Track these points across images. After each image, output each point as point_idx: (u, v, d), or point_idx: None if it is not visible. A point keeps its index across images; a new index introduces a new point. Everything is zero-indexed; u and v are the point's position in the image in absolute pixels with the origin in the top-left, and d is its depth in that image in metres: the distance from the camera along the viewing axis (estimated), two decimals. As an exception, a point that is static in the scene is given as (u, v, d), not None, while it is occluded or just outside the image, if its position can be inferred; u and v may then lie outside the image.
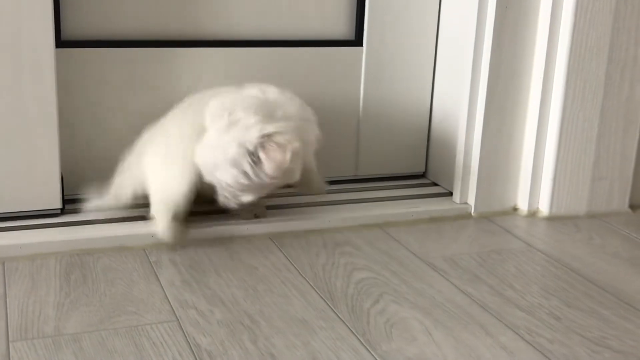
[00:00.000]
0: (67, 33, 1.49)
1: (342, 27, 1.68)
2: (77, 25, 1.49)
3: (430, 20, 1.71)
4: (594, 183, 1.66)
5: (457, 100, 1.66)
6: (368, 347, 1.10)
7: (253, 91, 1.40)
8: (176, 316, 1.17)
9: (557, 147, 1.61)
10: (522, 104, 1.61)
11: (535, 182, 1.64)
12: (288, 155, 1.31)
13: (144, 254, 1.38)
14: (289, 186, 1.47)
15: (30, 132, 1.39)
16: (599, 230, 1.60)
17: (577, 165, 1.63)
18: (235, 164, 1.32)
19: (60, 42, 1.44)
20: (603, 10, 1.55)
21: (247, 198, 1.37)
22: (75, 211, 1.48)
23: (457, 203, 1.66)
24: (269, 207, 1.56)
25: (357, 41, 1.68)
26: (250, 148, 1.31)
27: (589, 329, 1.18)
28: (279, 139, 1.32)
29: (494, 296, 1.28)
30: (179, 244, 1.40)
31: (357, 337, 1.13)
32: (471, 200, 1.65)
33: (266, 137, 1.31)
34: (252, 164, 1.32)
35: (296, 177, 1.38)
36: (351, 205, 1.63)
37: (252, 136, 1.31)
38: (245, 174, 1.32)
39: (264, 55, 1.60)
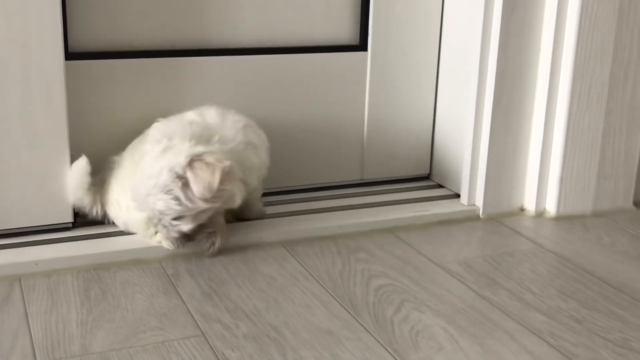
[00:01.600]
0: (74, 45, 1.47)
1: (346, 33, 1.68)
2: (84, 37, 1.48)
3: (434, 24, 1.71)
4: (600, 182, 1.68)
5: (461, 104, 1.67)
6: (397, 357, 1.10)
7: (192, 116, 1.40)
8: (201, 330, 1.16)
9: (564, 147, 1.62)
10: (528, 106, 1.63)
11: (542, 182, 1.66)
12: (217, 175, 1.28)
13: (160, 266, 1.38)
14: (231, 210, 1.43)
15: (41, 145, 1.38)
16: (606, 229, 1.62)
17: (583, 164, 1.65)
18: (166, 189, 1.29)
19: (68, 55, 1.42)
20: (607, 11, 1.56)
21: (185, 226, 1.32)
22: (86, 224, 1.47)
23: (465, 205, 1.67)
24: (282, 214, 1.57)
25: (362, 46, 1.68)
26: (180, 171, 1.29)
27: (610, 331, 1.20)
28: (208, 159, 1.29)
29: (513, 300, 1.29)
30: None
31: (384, 347, 1.13)
32: (479, 202, 1.66)
33: (195, 158, 1.29)
34: (184, 187, 1.29)
35: (237, 200, 1.36)
36: (360, 210, 1.63)
37: (181, 159, 1.29)
38: (177, 199, 1.29)
39: (270, 62, 1.60)
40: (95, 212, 1.45)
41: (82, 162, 1.40)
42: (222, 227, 1.40)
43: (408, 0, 1.68)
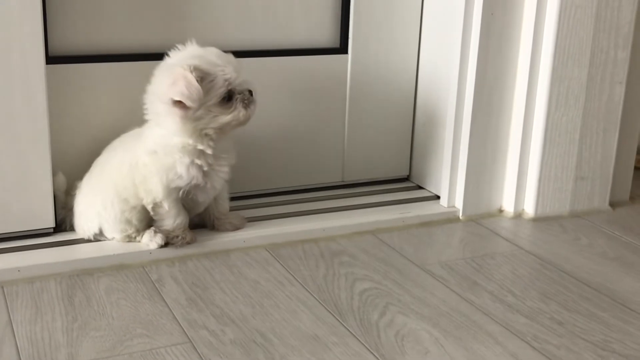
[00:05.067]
0: (55, 49, 1.46)
1: (327, 36, 1.69)
2: (64, 41, 1.47)
3: (414, 27, 1.73)
4: (577, 183, 1.71)
5: (441, 106, 1.69)
6: (384, 362, 1.12)
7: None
8: (188, 337, 1.16)
9: (542, 149, 1.64)
10: (507, 108, 1.64)
11: (521, 183, 1.68)
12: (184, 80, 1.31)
13: (144, 271, 1.37)
14: None
15: (22, 150, 1.37)
16: (583, 230, 1.65)
17: (561, 166, 1.67)
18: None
19: (48, 59, 1.41)
20: (584, 15, 1.58)
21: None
22: (67, 229, 1.47)
23: (445, 206, 1.69)
24: (264, 217, 1.57)
25: (343, 49, 1.69)
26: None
27: (592, 333, 1.22)
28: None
29: (495, 303, 1.31)
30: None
31: (371, 352, 1.14)
32: (459, 203, 1.67)
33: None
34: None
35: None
36: (342, 212, 1.64)
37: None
38: None
39: (252, 65, 1.60)
40: (65, 227, 1.48)
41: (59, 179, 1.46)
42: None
43: (388, 4, 1.69)
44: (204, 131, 1.36)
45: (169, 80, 1.32)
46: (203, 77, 1.33)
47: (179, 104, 1.33)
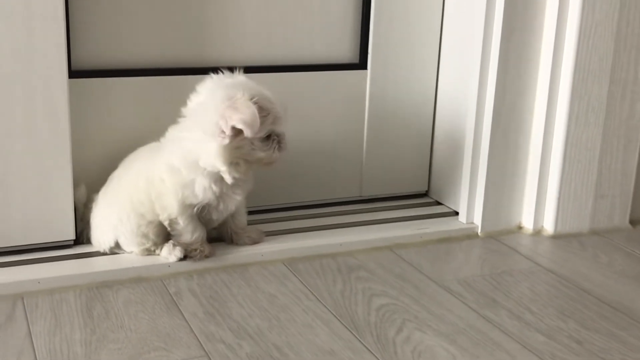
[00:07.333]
0: (77, 63, 1.48)
1: (346, 51, 1.70)
2: (87, 55, 1.49)
3: (433, 42, 1.73)
4: (597, 201, 1.70)
5: (460, 122, 1.69)
6: (400, 379, 1.12)
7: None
8: (205, 351, 1.17)
9: (562, 166, 1.64)
10: (527, 125, 1.64)
11: (540, 200, 1.67)
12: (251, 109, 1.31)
13: (162, 284, 1.38)
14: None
15: (44, 163, 1.38)
16: (603, 248, 1.64)
17: (581, 183, 1.67)
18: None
19: (71, 72, 1.43)
20: (605, 32, 1.58)
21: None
22: (85, 242, 1.48)
23: (463, 223, 1.68)
24: (282, 232, 1.58)
25: (362, 64, 1.69)
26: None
27: (610, 352, 1.21)
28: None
29: (513, 320, 1.30)
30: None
31: (387, 368, 1.14)
32: (477, 220, 1.67)
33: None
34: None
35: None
36: (360, 227, 1.64)
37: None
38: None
39: (271, 81, 1.60)
40: (82, 240, 1.50)
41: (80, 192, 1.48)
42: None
43: (408, 20, 1.69)
44: (235, 160, 1.37)
45: (230, 105, 1.32)
46: (260, 110, 1.33)
47: (234, 129, 1.33)
